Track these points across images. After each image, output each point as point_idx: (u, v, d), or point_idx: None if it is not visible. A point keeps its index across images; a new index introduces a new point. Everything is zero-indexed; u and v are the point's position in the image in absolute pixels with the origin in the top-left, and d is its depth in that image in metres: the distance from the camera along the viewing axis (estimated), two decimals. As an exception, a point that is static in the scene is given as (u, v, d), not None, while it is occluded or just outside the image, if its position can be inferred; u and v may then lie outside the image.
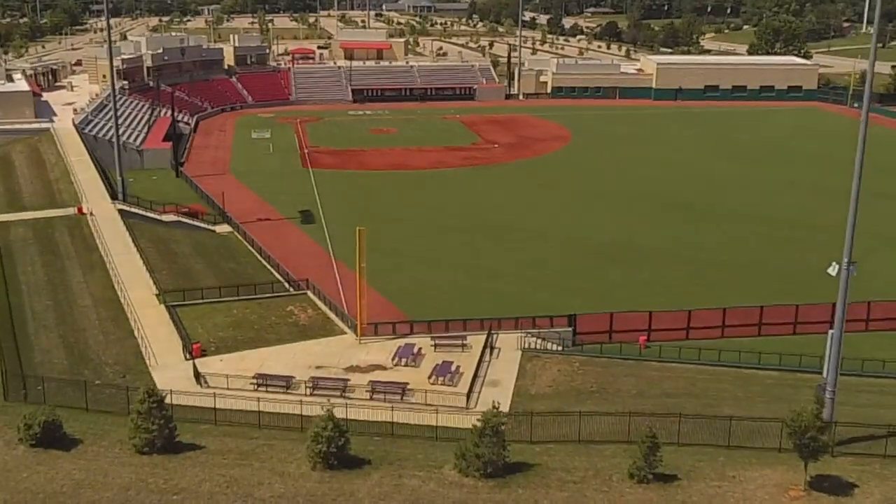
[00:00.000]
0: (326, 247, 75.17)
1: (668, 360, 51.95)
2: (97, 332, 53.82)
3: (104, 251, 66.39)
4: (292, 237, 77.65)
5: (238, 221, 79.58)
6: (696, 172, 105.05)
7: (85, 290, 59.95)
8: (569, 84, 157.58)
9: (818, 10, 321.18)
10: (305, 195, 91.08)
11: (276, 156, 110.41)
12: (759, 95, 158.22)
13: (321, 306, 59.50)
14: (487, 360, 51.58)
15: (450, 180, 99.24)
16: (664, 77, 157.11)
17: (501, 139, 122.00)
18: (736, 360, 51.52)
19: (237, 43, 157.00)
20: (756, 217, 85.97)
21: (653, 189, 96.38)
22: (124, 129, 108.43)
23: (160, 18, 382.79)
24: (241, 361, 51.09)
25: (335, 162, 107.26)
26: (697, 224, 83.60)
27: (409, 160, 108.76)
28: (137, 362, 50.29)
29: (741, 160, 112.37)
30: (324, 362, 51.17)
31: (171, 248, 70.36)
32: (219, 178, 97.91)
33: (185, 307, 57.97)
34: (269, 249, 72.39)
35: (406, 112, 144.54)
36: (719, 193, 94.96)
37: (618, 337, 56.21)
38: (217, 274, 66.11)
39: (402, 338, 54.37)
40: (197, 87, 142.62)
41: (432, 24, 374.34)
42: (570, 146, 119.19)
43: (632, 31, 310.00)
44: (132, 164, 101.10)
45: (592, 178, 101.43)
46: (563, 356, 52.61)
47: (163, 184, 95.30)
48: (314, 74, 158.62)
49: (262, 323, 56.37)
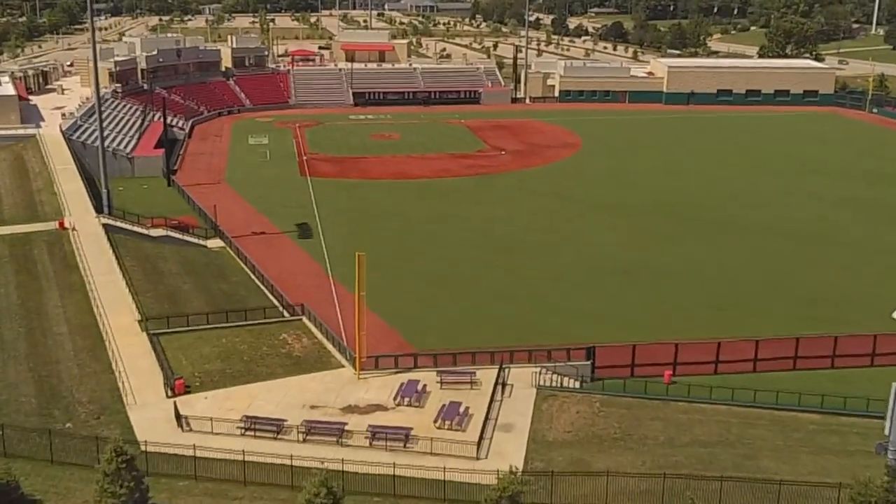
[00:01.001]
0: (324, 264, 70.50)
1: (698, 400, 47.18)
2: (72, 365, 49.17)
3: (85, 271, 61.69)
4: (288, 254, 72.99)
5: (231, 236, 74.98)
6: (713, 182, 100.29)
7: (61, 315, 55.29)
8: (577, 88, 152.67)
9: (827, 10, 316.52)
10: (303, 207, 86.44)
11: (273, 163, 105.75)
12: (774, 100, 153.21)
13: (317, 335, 54.83)
14: (499, 400, 46.91)
15: (455, 190, 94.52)
16: (676, 81, 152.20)
17: (508, 146, 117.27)
18: (772, 401, 46.80)
19: (235, 44, 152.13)
20: (779, 232, 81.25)
21: (669, 200, 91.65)
22: (115, 134, 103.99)
23: (160, 18, 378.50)
24: (227, 400, 46.43)
25: (335, 170, 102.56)
26: (717, 239, 78.87)
27: (412, 168, 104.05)
28: (114, 401, 45.64)
29: (759, 169, 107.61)
30: (319, 401, 46.50)
31: (157, 267, 65.68)
32: (213, 188, 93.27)
33: (169, 335, 53.34)
34: (262, 268, 67.79)
35: (409, 116, 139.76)
36: (738, 205, 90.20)
37: (641, 371, 51.57)
38: (206, 296, 61.46)
39: (405, 372, 49.72)
40: (193, 90, 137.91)
41: (435, 24, 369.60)
42: (580, 154, 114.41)
43: (638, 32, 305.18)
44: (123, 172, 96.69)
45: (605, 188, 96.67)
46: (582, 395, 47.90)
47: (154, 193, 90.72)
48: (314, 77, 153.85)
49: (252, 354, 51.72)
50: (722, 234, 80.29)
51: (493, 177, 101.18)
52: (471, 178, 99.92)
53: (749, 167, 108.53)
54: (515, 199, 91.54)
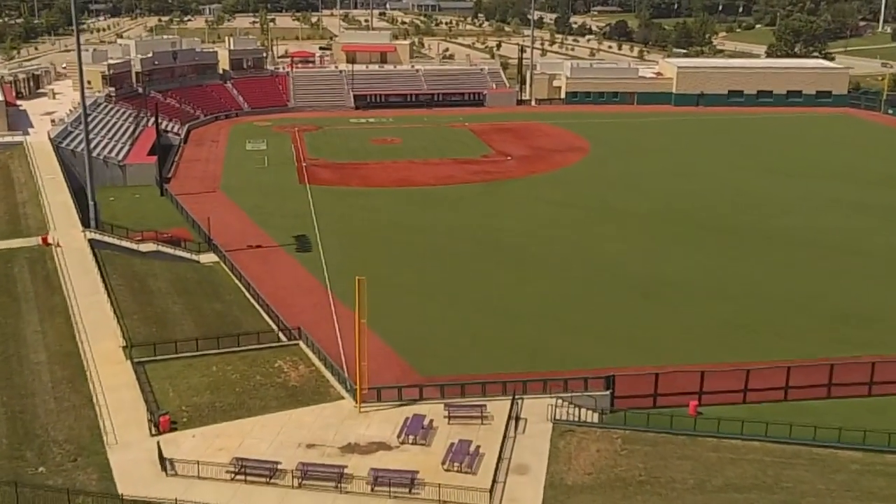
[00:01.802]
0: (323, 280, 66.73)
1: (728, 435, 43.35)
2: (49, 398, 45.44)
3: (68, 291, 57.96)
4: (285, 269, 69.21)
5: (225, 250, 71.21)
6: (728, 187, 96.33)
7: (40, 341, 51.55)
8: (584, 89, 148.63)
9: (833, 8, 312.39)
10: (301, 217, 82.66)
11: (271, 170, 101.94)
12: (786, 101, 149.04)
13: (315, 361, 51.05)
14: (512, 436, 43.12)
15: (459, 198, 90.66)
16: (685, 81, 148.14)
17: (514, 150, 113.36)
18: (809, 437, 42.96)
19: (232, 46, 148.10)
20: (801, 241, 77.39)
21: (684, 207, 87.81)
22: (107, 141, 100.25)
23: (159, 18, 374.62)
24: (217, 438, 42.68)
25: (335, 177, 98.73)
26: (737, 250, 74.97)
27: (414, 175, 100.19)
28: (93, 440, 41.89)
29: (774, 173, 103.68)
30: (316, 439, 42.73)
31: (146, 286, 61.90)
32: (208, 197, 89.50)
33: (156, 363, 49.61)
34: (258, 285, 64.03)
35: (411, 119, 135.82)
36: (756, 213, 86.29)
37: (664, 401, 47.81)
38: (197, 318, 57.67)
39: (409, 404, 45.96)
40: (189, 94, 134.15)
41: (437, 23, 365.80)
42: (589, 158, 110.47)
43: (642, 31, 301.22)
44: (114, 181, 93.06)
45: (616, 194, 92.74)
46: (602, 430, 44.10)
47: (146, 203, 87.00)
48: (314, 79, 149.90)
49: (245, 384, 47.97)
50: (741, 244, 76.40)
51: (499, 183, 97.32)
52: (476, 185, 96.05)
53: (764, 171, 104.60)
54: (523, 207, 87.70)
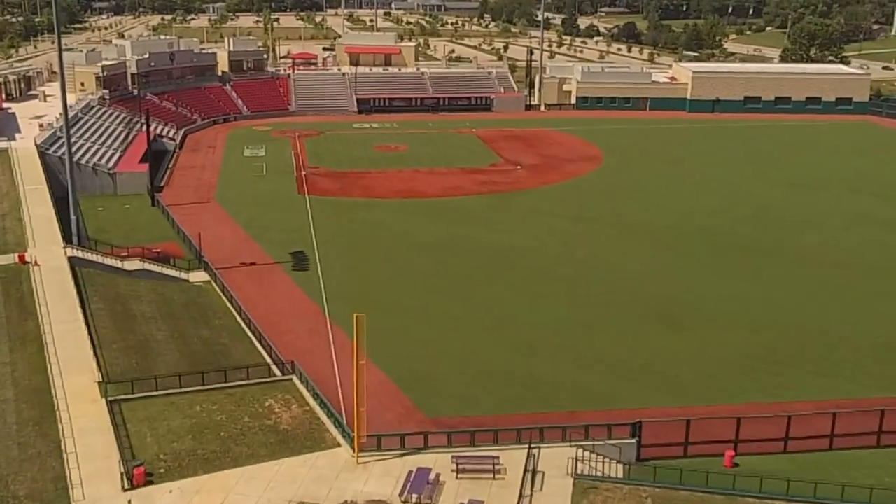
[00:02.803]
0: (321, 302, 62.07)
1: (772, 496, 38.51)
2: (12, 444, 40.75)
3: (43, 317, 53.31)
4: (280, 289, 64.55)
5: (217, 267, 66.64)
6: (749, 201, 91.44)
7: (8, 374, 46.90)
8: (595, 94, 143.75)
9: (846, 11, 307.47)
10: (299, 231, 78.02)
11: (269, 179, 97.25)
12: (805, 108, 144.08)
13: (309, 401, 46.30)
14: (528, 494, 38.35)
15: (467, 212, 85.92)
16: (700, 87, 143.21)
17: (524, 159, 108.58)
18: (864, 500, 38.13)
19: (232, 47, 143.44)
20: (831, 262, 72.61)
21: (704, 223, 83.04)
22: (98, 147, 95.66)
23: (162, 17, 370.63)
24: (197, 493, 37.93)
25: (336, 187, 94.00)
26: (763, 271, 70.17)
27: (419, 185, 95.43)
28: (58, 496, 37.19)
29: (797, 186, 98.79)
30: (308, 496, 37.97)
31: (129, 310, 57.23)
32: (201, 208, 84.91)
33: (133, 401, 44.94)
34: (250, 308, 59.54)
35: (416, 125, 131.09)
36: (780, 229, 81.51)
37: (696, 449, 43.04)
38: (182, 347, 53.06)
39: (413, 454, 41.21)
40: (186, 96, 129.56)
41: (443, 23, 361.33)
42: (602, 168, 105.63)
43: (652, 33, 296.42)
44: (104, 190, 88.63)
45: (632, 208, 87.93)
46: (630, 487, 39.30)
47: (136, 214, 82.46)
48: (316, 82, 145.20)
49: (231, 427, 43.25)
50: (767, 265, 71.61)
51: (508, 195, 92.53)
52: (484, 197, 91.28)
53: (785, 183, 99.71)
54: (534, 221, 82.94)
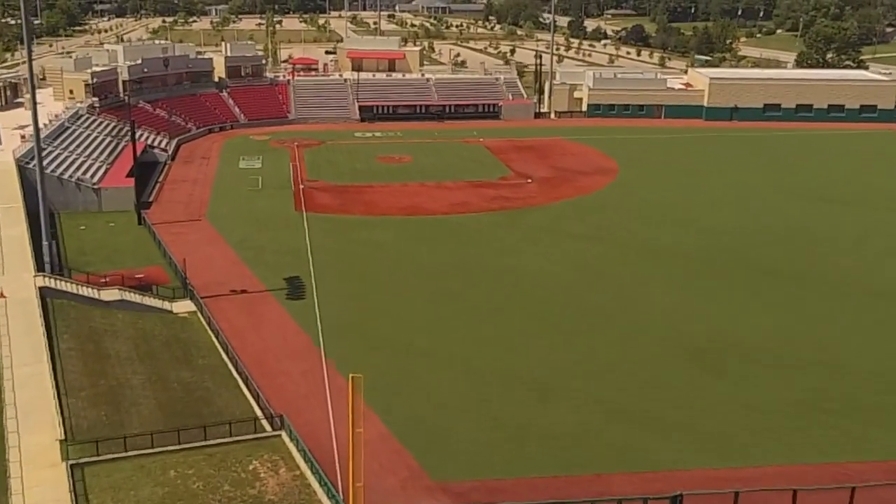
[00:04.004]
0: (317, 337, 56.21)
1: None
2: (-48, 524, 35.14)
3: (3, 360, 47.53)
4: (273, 322, 58.66)
5: (204, 296, 60.93)
6: (779, 219, 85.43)
7: (-43, 433, 41.23)
8: (607, 101, 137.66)
9: (859, 13, 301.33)
10: (295, 253, 72.17)
11: (265, 194, 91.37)
12: (827, 116, 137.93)
13: (300, 462, 40.54)
14: (555, 592, 32.52)
15: (476, 231, 79.98)
16: (718, 94, 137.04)
17: (536, 172, 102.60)
18: None
19: (229, 52, 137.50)
20: (874, 291, 66.56)
21: (733, 243, 77.05)
22: (83, 160, 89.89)
23: (163, 19, 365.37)
24: (164, 589, 32.23)
25: (335, 203, 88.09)
26: (801, 302, 64.19)
27: (425, 201, 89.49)
28: (-1, 592, 31.55)
29: (828, 202, 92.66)
30: (295, 593, 32.24)
31: (102, 349, 51.41)
32: (191, 227, 79.14)
33: (99, 465, 39.25)
34: (238, 345, 53.96)
35: (421, 134, 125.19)
36: (815, 251, 75.54)
37: (747, 528, 37.16)
38: (160, 393, 47.24)
39: (419, 536, 35.40)
40: (181, 104, 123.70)
41: (447, 26, 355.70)
42: (618, 182, 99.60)
43: (660, 36, 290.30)
44: (88, 206, 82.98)
45: (654, 228, 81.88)
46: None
47: (121, 234, 76.73)
48: (316, 88, 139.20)
49: (208, 498, 37.47)
50: (806, 294, 65.59)
51: (519, 212, 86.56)
52: (494, 215, 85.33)
53: (816, 199, 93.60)
54: (548, 243, 77.01)
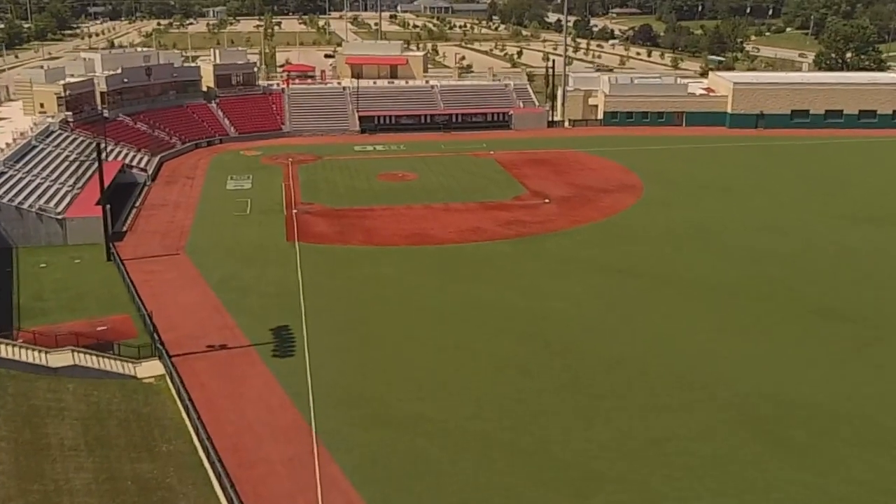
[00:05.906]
0: (307, 411, 47.08)
1: None
2: None
3: (-84, 457, 38.63)
4: (256, 389, 49.54)
5: (175, 354, 51.97)
6: (827, 244, 76.41)
7: None
8: (625, 108, 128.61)
9: (871, 11, 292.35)
10: (286, 295, 63.11)
11: (253, 220, 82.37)
12: (858, 122, 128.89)
13: None
14: None
15: (490, 264, 70.95)
16: (742, 100, 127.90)
17: (553, 190, 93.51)
18: None
19: (218, 59, 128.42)
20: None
21: (779, 275, 68.01)
22: (48, 184, 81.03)
23: (158, 22, 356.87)
24: None
25: (332, 231, 78.98)
26: (872, 353, 54.96)
27: (432, 227, 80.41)
28: None
29: (877, 223, 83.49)
30: None
31: (42, 438, 42.26)
32: (167, 263, 70.12)
33: None
34: (212, 421, 45.20)
35: (426, 146, 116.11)
36: (877, 285, 66.43)
37: None
38: (108, 499, 38.14)
39: None
40: (165, 116, 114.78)
41: (451, 27, 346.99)
42: (644, 201, 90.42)
43: (670, 35, 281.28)
44: (51, 240, 74.08)
45: (689, 257, 72.85)
46: None
47: (86, 272, 67.68)
48: (313, 97, 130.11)
49: None
50: (877, 343, 56.32)
51: (537, 239, 77.49)
52: (509, 242, 76.27)
53: (862, 219, 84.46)
54: (573, 277, 67.93)
